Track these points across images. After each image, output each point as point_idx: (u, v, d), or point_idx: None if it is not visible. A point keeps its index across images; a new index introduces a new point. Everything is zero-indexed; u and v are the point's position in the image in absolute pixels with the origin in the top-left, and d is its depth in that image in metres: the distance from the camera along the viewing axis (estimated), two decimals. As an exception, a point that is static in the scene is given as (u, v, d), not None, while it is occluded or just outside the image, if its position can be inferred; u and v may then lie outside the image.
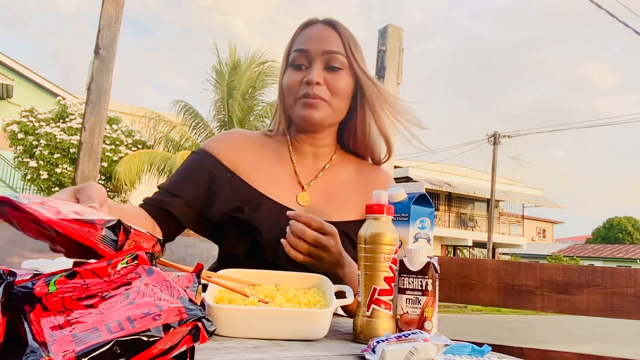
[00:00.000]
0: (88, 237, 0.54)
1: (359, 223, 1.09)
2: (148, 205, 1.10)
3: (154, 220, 1.08)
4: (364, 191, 1.17)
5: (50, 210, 0.55)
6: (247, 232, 1.07)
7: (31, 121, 11.34)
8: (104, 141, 10.33)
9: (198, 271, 0.67)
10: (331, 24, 1.14)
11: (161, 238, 0.64)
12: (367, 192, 1.11)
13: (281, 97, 1.17)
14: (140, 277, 0.53)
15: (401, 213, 0.88)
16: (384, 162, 1.26)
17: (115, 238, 0.55)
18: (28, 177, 11.50)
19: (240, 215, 1.08)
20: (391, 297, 0.79)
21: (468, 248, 24.83)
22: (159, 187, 1.14)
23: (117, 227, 0.56)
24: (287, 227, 0.96)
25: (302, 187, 1.15)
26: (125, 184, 11.08)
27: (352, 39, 1.15)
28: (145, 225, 1.05)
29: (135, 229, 0.58)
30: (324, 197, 1.15)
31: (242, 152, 1.15)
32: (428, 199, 0.91)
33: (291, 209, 1.06)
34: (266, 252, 1.05)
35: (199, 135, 12.72)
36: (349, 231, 1.07)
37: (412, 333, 0.68)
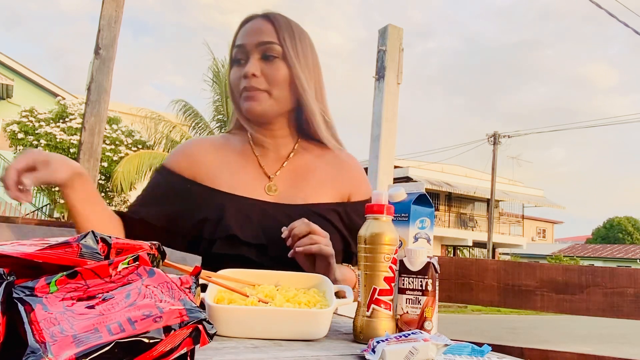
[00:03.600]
0: (70, 257, 0.52)
1: (335, 205, 1.16)
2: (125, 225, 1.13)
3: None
4: (332, 175, 1.20)
5: (23, 247, 0.53)
6: (220, 233, 1.07)
7: (31, 121, 11.33)
8: (104, 141, 10.32)
9: (196, 274, 0.67)
10: (267, 17, 1.15)
11: (158, 243, 0.63)
12: (335, 175, 1.21)
13: (231, 95, 1.19)
14: (141, 278, 0.53)
15: (401, 213, 0.88)
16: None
17: (96, 249, 0.54)
18: (28, 177, 11.48)
19: (209, 220, 1.08)
20: (391, 297, 0.79)
21: (468, 248, 24.82)
22: (128, 208, 1.17)
23: (94, 238, 0.55)
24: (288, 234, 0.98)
25: (269, 178, 1.16)
26: (122, 185, 11.06)
27: (289, 28, 1.15)
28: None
29: (116, 238, 0.57)
30: (292, 184, 1.16)
31: (201, 159, 1.17)
32: (428, 199, 0.91)
33: (259, 201, 1.11)
34: (243, 248, 1.06)
35: (199, 136, 12.73)
36: (324, 213, 1.11)
37: (412, 333, 0.68)
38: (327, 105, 1.22)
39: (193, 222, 1.10)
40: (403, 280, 0.82)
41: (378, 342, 0.65)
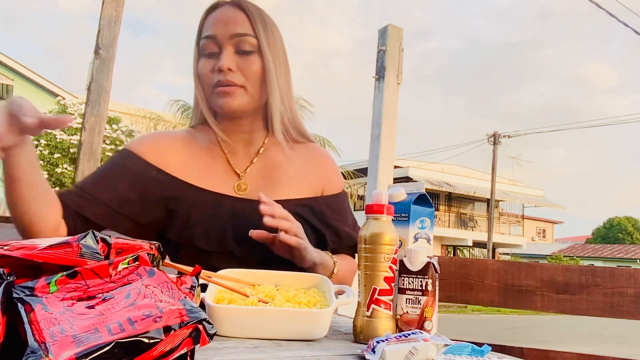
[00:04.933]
0: (70, 257, 0.52)
1: (308, 200, 1.12)
2: (63, 204, 1.00)
3: (64, 221, 0.98)
4: (303, 169, 1.16)
5: (22, 248, 0.53)
6: (188, 226, 1.03)
7: (31, 121, 11.31)
8: (104, 141, 10.29)
9: (196, 274, 0.67)
10: (238, 4, 1.09)
11: (158, 243, 0.63)
12: (307, 170, 1.17)
13: (198, 88, 1.12)
14: (141, 278, 0.53)
15: (401, 213, 0.88)
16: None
17: (96, 249, 0.54)
18: (28, 177, 11.49)
19: (177, 211, 1.04)
20: (391, 297, 0.79)
21: (468, 248, 24.83)
22: (75, 185, 1.06)
23: (94, 238, 0.55)
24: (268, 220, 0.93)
25: (238, 176, 1.11)
26: None
27: (261, 18, 1.09)
28: (51, 221, 0.96)
29: (116, 238, 0.57)
30: (263, 181, 1.12)
31: (170, 150, 1.10)
32: (428, 199, 0.91)
33: (229, 197, 1.06)
34: (211, 243, 1.02)
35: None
36: (295, 209, 1.04)
37: (412, 333, 0.68)
38: (294, 99, 1.18)
39: (157, 212, 1.04)
40: (403, 280, 0.82)
41: (378, 342, 0.65)
